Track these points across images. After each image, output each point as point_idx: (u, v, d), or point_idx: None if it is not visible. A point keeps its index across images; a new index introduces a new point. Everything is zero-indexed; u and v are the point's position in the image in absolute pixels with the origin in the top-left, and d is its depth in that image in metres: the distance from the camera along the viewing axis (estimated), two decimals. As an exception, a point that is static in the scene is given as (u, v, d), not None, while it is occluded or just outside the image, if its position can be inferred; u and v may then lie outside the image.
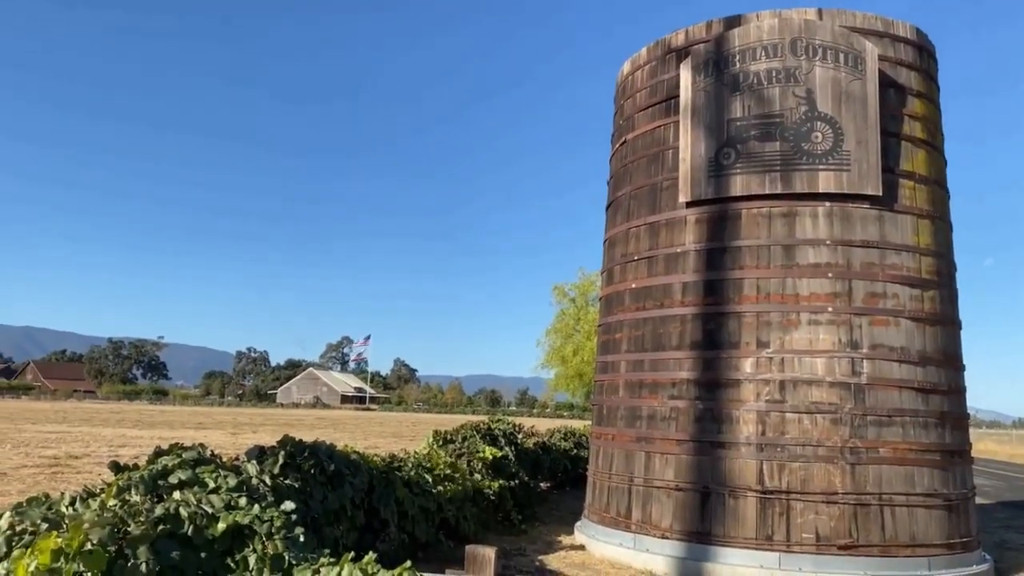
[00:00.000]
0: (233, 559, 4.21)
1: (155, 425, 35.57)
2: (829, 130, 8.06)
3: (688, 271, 8.43)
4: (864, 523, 7.36)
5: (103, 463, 16.35)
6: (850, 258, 7.96)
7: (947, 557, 7.56)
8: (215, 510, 4.29)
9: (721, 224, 8.34)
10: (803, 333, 7.82)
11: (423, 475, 7.60)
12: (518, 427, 12.64)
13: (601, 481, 9.03)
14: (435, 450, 9.23)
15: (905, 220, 8.19)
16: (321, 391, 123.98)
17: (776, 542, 7.40)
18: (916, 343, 7.91)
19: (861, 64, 8.13)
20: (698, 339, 8.20)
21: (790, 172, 8.09)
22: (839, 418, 7.57)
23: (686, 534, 7.83)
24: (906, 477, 7.56)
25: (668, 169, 8.85)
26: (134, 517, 4.02)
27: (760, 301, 7.99)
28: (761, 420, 7.72)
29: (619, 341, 9.12)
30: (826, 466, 7.48)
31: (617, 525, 8.52)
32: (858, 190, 7.98)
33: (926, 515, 7.56)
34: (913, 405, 7.75)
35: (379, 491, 6.32)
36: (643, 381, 8.61)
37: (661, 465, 8.20)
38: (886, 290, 7.93)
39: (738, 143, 8.30)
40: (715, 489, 7.75)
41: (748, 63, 8.41)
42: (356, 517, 5.84)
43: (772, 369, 7.80)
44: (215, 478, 4.65)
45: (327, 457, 5.71)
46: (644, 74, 9.53)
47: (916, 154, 8.45)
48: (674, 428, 8.17)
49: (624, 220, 9.41)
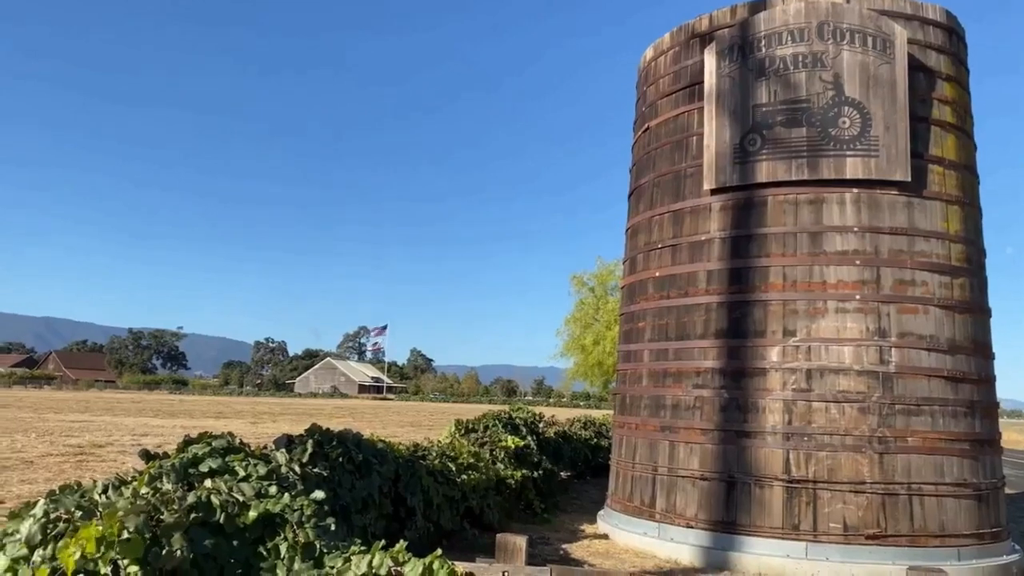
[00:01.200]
0: (264, 547, 4.21)
1: (176, 414, 35.93)
2: (857, 115, 7.93)
3: (713, 259, 8.35)
4: (892, 513, 7.29)
5: (127, 452, 16.53)
6: (878, 245, 7.85)
7: (977, 547, 7.47)
8: (246, 498, 4.30)
9: (746, 211, 8.24)
10: (830, 321, 7.73)
11: (447, 464, 7.60)
12: (539, 416, 12.63)
13: (624, 470, 9.00)
14: (458, 439, 9.24)
15: (934, 206, 8.06)
16: (339, 380, 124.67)
17: (803, 531, 7.35)
18: (945, 331, 7.80)
19: (890, 48, 7.99)
20: (723, 328, 8.13)
21: (817, 158, 7.98)
22: (867, 407, 7.49)
23: (711, 523, 7.79)
24: (935, 466, 7.47)
25: (692, 156, 8.76)
26: (167, 505, 4.02)
27: (786, 289, 7.90)
28: (788, 409, 7.65)
29: (642, 330, 9.06)
30: (854, 455, 7.40)
31: (641, 514, 8.49)
32: (886, 176, 7.86)
33: (955, 505, 7.47)
34: (942, 394, 7.65)
35: (405, 480, 6.32)
36: (667, 370, 8.56)
37: (686, 454, 8.16)
38: (915, 277, 7.82)
39: (764, 129, 8.20)
40: (741, 478, 7.70)
41: (774, 48, 8.29)
42: (384, 506, 5.84)
43: (799, 358, 7.72)
44: (245, 466, 4.66)
45: (355, 446, 5.71)
46: (667, 60, 9.43)
47: (945, 139, 8.30)
48: (699, 417, 8.11)
49: (647, 208, 9.33)
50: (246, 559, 4.18)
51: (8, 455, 14.83)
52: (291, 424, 29.71)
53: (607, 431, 16.33)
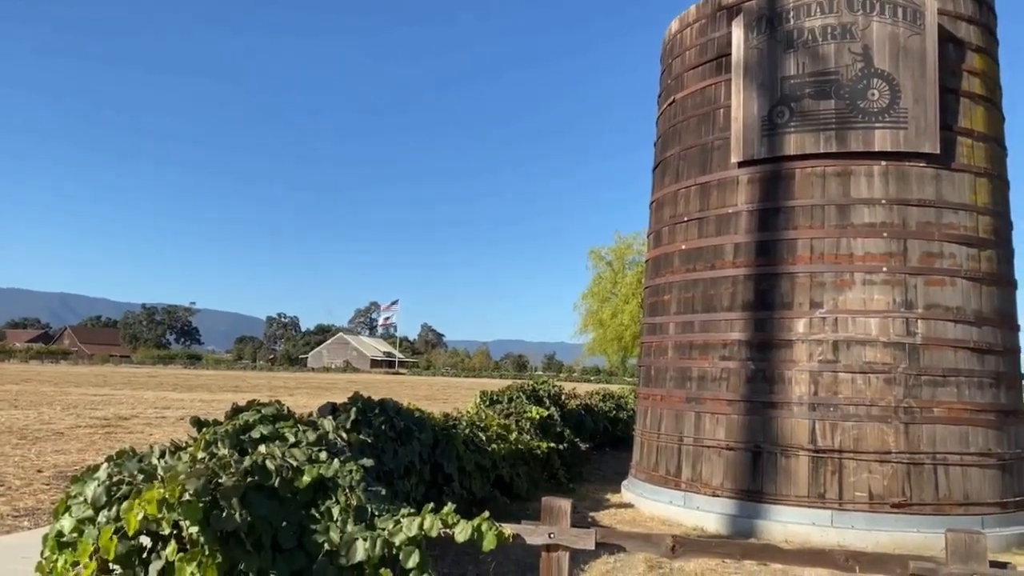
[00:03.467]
0: (317, 510, 4.36)
1: (193, 388, 36.37)
2: (886, 87, 7.92)
3: (740, 232, 8.40)
4: (917, 482, 7.39)
5: (152, 424, 16.82)
6: (906, 218, 7.87)
7: (1000, 516, 7.58)
8: (299, 463, 4.43)
9: (774, 184, 8.27)
10: (857, 293, 7.79)
11: (477, 434, 7.74)
12: (561, 389, 12.77)
13: (649, 441, 9.13)
14: (484, 410, 9.38)
15: (963, 179, 8.07)
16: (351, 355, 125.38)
17: (828, 500, 7.46)
18: (972, 303, 7.84)
19: (920, 19, 7.95)
20: (750, 300, 8.20)
21: (845, 131, 7.98)
22: (893, 378, 7.56)
23: (737, 492, 7.91)
24: (960, 437, 7.55)
25: (719, 129, 8.77)
26: (224, 469, 4.16)
27: (814, 261, 7.95)
28: (814, 380, 7.73)
29: (668, 303, 9.14)
30: (879, 425, 7.49)
31: (666, 484, 8.63)
32: (915, 148, 7.86)
33: (980, 474, 7.56)
34: (968, 365, 7.71)
35: (442, 447, 6.46)
36: (693, 343, 8.65)
37: (711, 425, 8.27)
38: (942, 250, 7.85)
39: (792, 101, 8.19)
40: (767, 448, 7.81)
41: (802, 19, 8.26)
42: (423, 472, 5.99)
43: (825, 329, 7.79)
44: (294, 433, 4.79)
45: (395, 414, 5.85)
46: (693, 32, 9.40)
47: (975, 111, 8.28)
48: (725, 388, 8.21)
49: (673, 181, 9.36)
50: (299, 522, 4.33)
51: (38, 427, 15.13)
52: (308, 397, 30.05)
53: (626, 404, 16.48)
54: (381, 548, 4.03)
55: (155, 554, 3.97)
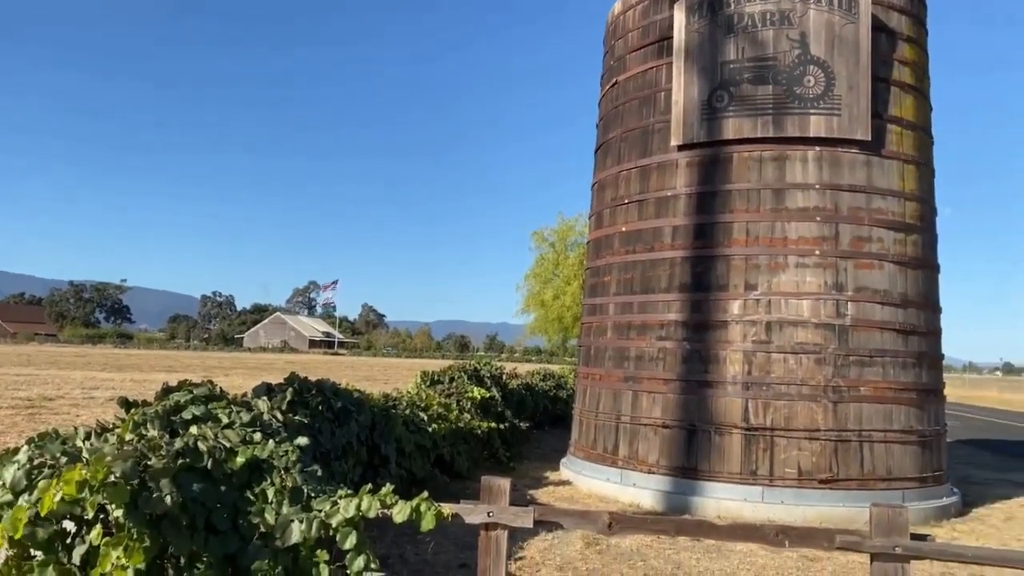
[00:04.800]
0: (252, 492, 4.27)
1: (124, 368, 35.25)
2: (821, 74, 8.09)
3: (679, 215, 8.51)
4: (844, 458, 7.66)
5: (79, 405, 16.24)
6: (838, 202, 8.09)
7: (920, 490, 7.93)
8: (232, 444, 4.33)
9: (712, 168, 8.39)
10: (790, 276, 7.99)
11: (418, 414, 7.71)
12: (503, 369, 12.81)
13: (587, 419, 9.23)
14: (425, 390, 9.34)
15: (892, 165, 8.32)
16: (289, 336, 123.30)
17: (760, 476, 7.68)
18: (898, 286, 8.13)
19: (855, 8, 8.13)
20: (687, 282, 8.33)
21: (782, 116, 8.14)
22: (823, 358, 7.80)
23: (672, 469, 8.08)
24: (884, 414, 7.85)
25: (660, 112, 8.84)
26: (154, 451, 4.04)
27: (749, 244, 8.12)
28: (747, 360, 7.92)
29: (608, 284, 9.22)
30: (809, 404, 7.73)
31: (604, 461, 8.75)
32: (848, 135, 8.07)
33: (902, 451, 7.88)
34: (894, 346, 8.00)
35: (380, 428, 6.41)
36: (632, 323, 8.75)
37: (648, 404, 8.40)
38: (871, 234, 8.10)
39: (731, 86, 8.31)
40: (701, 426, 7.98)
41: (742, 5, 8.36)
42: (361, 453, 5.93)
43: (759, 311, 7.97)
44: (228, 414, 4.68)
45: (333, 394, 5.76)
46: (636, 14, 9.43)
47: (904, 100, 8.54)
48: (662, 368, 8.35)
49: (614, 163, 9.41)
50: (233, 503, 4.23)
51: (-45, 408, 14.44)
52: (244, 378, 29.45)
53: (566, 383, 16.63)
54: (318, 530, 3.98)
55: (79, 539, 3.83)
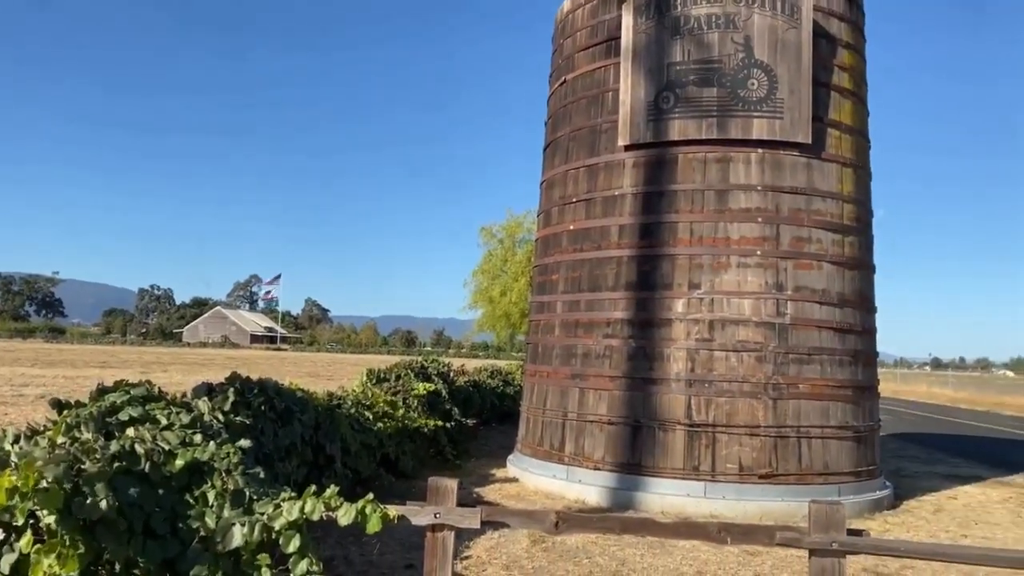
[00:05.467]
0: (192, 495, 4.16)
1: (55, 364, 34.03)
2: (765, 78, 8.26)
3: (625, 214, 8.60)
4: (783, 454, 7.86)
5: (7, 402, 15.63)
6: (779, 204, 8.28)
7: (855, 484, 8.18)
8: (171, 447, 4.21)
9: (658, 168, 8.50)
10: (732, 275, 8.15)
11: (363, 412, 7.63)
12: (449, 365, 12.77)
13: (535, 416, 9.27)
14: (370, 388, 9.25)
15: (831, 168, 8.55)
16: (230, 330, 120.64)
17: (702, 472, 7.82)
18: (836, 286, 8.37)
19: (797, 13, 8.32)
20: (633, 280, 8.43)
21: (726, 118, 8.28)
22: (763, 356, 7.98)
23: (618, 465, 8.17)
24: (822, 411, 8.08)
25: (608, 111, 8.91)
26: (88, 455, 3.90)
27: (693, 244, 8.25)
28: (691, 358, 8.05)
29: (556, 282, 9.27)
30: (750, 401, 7.90)
31: (550, 458, 8.80)
32: (789, 138, 8.26)
33: (838, 446, 8.12)
34: (831, 344, 8.23)
35: (325, 428, 6.32)
36: (579, 321, 8.81)
37: (595, 400, 8.48)
38: (811, 235, 8.32)
39: (677, 88, 8.42)
40: (646, 423, 8.09)
41: (689, 7, 8.47)
42: (305, 453, 5.84)
43: (702, 309, 8.11)
44: (167, 415, 4.55)
45: (276, 394, 5.66)
46: (585, 13, 9.48)
47: (843, 104, 8.78)
48: (608, 365, 8.43)
49: (563, 162, 9.46)
50: (172, 507, 4.12)
51: None
52: (183, 374, 28.74)
53: (513, 379, 16.67)
54: (260, 533, 3.90)
55: (7, 547, 3.68)
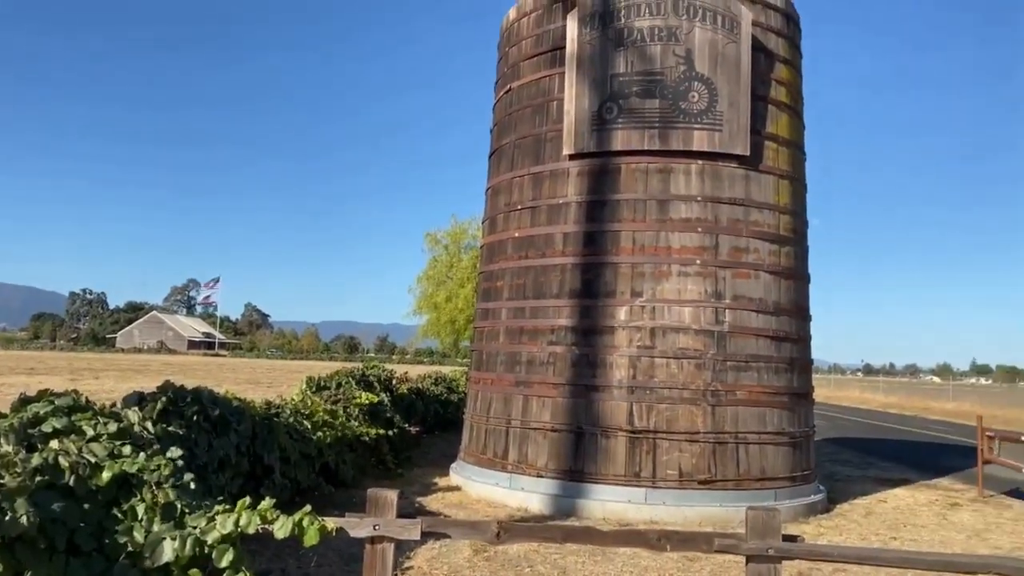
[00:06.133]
0: (120, 509, 4.02)
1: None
2: (705, 90, 8.42)
3: (569, 222, 8.65)
4: (722, 459, 8.00)
5: (-76, 413, 14.85)
6: (718, 214, 8.44)
7: (790, 488, 8.37)
8: (98, 459, 4.06)
9: (602, 177, 8.58)
10: (673, 284, 8.27)
11: (302, 421, 7.49)
12: (392, 373, 12.64)
13: (478, 424, 9.24)
14: (310, 397, 9.09)
15: (768, 180, 8.77)
16: (166, 336, 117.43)
17: (643, 478, 7.90)
18: (772, 295, 8.57)
19: (736, 28, 8.52)
20: (577, 288, 8.48)
21: (668, 130, 8.41)
22: (703, 363, 8.12)
23: (560, 472, 8.19)
24: (759, 417, 8.25)
25: (553, 120, 8.97)
26: (8, 468, 3.73)
27: (635, 253, 8.35)
28: (632, 365, 8.14)
29: (500, 289, 9.27)
30: (690, 407, 8.02)
31: (493, 466, 8.78)
32: (728, 150, 8.44)
33: (774, 451, 8.31)
34: (768, 352, 8.43)
35: (262, 437, 6.17)
36: (523, 328, 8.83)
37: (538, 408, 8.49)
38: (749, 245, 8.51)
39: (620, 98, 8.52)
40: (588, 430, 8.14)
41: (633, 19, 8.59)
42: (241, 464, 5.69)
43: (644, 317, 8.21)
44: (94, 426, 4.38)
45: (210, 403, 5.50)
46: (530, 22, 9.53)
47: (780, 118, 9.02)
48: (552, 372, 8.46)
49: (508, 169, 9.48)
50: (99, 522, 3.97)
51: None
52: (116, 381, 27.82)
53: (457, 386, 16.60)
54: (192, 547, 3.79)
55: (-83, 567, 3.49)
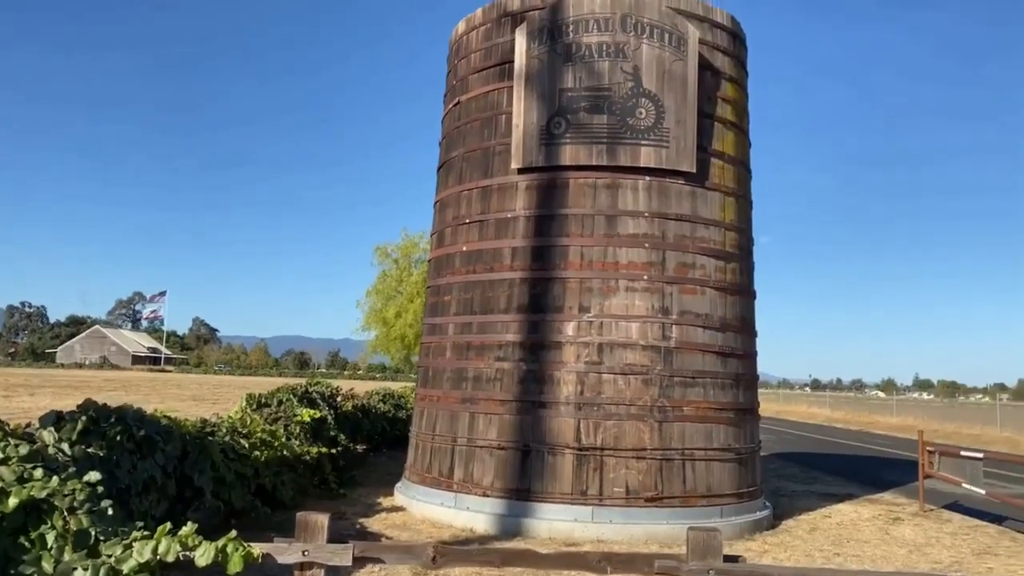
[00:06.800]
0: (28, 538, 3.76)
1: (-96, 388, 31.05)
2: (652, 107, 8.45)
3: (518, 236, 8.57)
4: (668, 476, 7.95)
5: None
6: (665, 230, 8.45)
7: (736, 505, 8.36)
8: (5, 483, 3.81)
9: (550, 192, 8.53)
10: (621, 299, 8.23)
11: (239, 440, 7.22)
12: (337, 389, 12.36)
13: (424, 442, 9.05)
14: (249, 414, 8.80)
15: (714, 197, 8.82)
16: (109, 351, 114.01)
17: (590, 496, 7.81)
18: (719, 311, 8.59)
19: (683, 46, 8.57)
20: (525, 303, 8.39)
21: (615, 145, 8.41)
22: (650, 379, 8.08)
23: (506, 491, 8.05)
24: (705, 433, 8.23)
25: (501, 134, 8.89)
26: (-99, 495, 3.47)
27: (583, 268, 8.30)
28: (580, 381, 8.06)
29: (448, 304, 9.12)
30: (637, 424, 7.97)
31: (439, 485, 8.59)
32: (675, 166, 8.46)
33: (721, 468, 8.29)
34: (714, 367, 8.43)
35: (193, 458, 5.91)
36: (471, 343, 8.69)
37: (485, 425, 8.35)
38: (695, 261, 8.52)
39: (568, 113, 8.49)
40: (535, 447, 8.02)
41: (581, 34, 8.59)
42: (168, 486, 5.42)
43: (592, 333, 8.15)
44: (3, 447, 4.11)
45: (136, 422, 5.23)
46: (479, 36, 9.47)
47: (726, 135, 9.09)
48: (499, 389, 8.33)
49: (456, 183, 9.37)
50: (4, 552, 3.72)
51: None
52: (53, 398, 26.79)
53: (406, 403, 16.34)
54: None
55: None
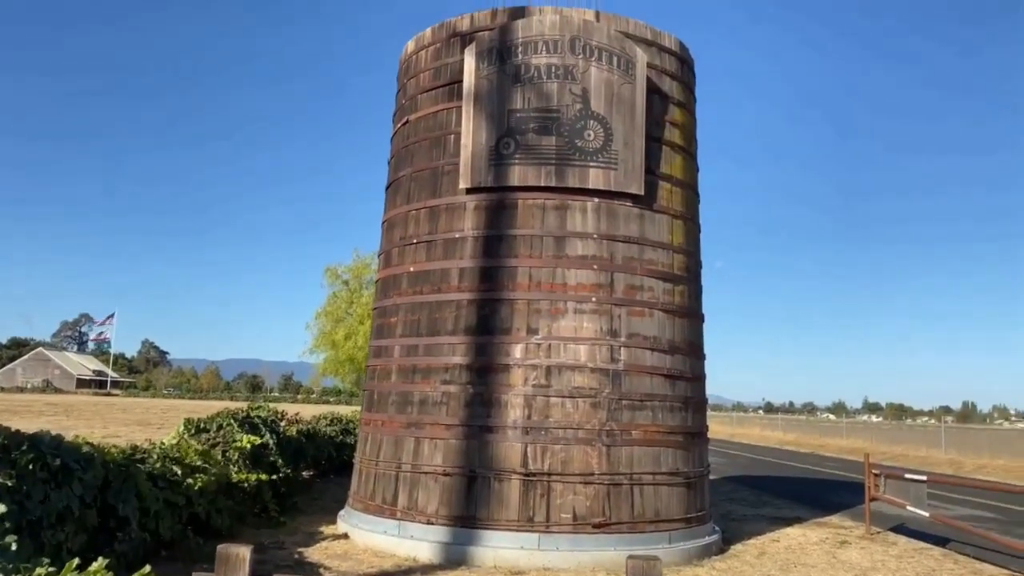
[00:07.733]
0: (-83, 576, 3.48)
1: None
2: (601, 129, 8.45)
3: (466, 257, 8.45)
4: (616, 502, 7.83)
5: None
6: (613, 252, 8.42)
7: (685, 530, 8.28)
8: None
9: (499, 212, 8.44)
10: (569, 321, 8.15)
11: (171, 467, 6.91)
12: (281, 414, 12.02)
13: (368, 468, 8.81)
14: (186, 440, 8.46)
15: (662, 219, 8.82)
16: (53, 374, 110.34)
17: (537, 523, 7.64)
18: (667, 333, 8.56)
19: (632, 69, 8.61)
20: (472, 324, 8.25)
21: (564, 167, 8.37)
22: (598, 402, 7.98)
23: (452, 519, 7.84)
24: (654, 457, 8.15)
25: (450, 154, 8.80)
26: None
27: (532, 289, 8.21)
28: (528, 404, 7.93)
29: (394, 325, 8.94)
30: (585, 448, 7.85)
31: (382, 513, 8.35)
32: (623, 188, 8.45)
33: (669, 492, 8.21)
34: (662, 390, 8.38)
35: (116, 487, 5.60)
36: (416, 366, 8.51)
37: (430, 450, 8.15)
38: (643, 283, 8.50)
39: (517, 134, 8.44)
40: (482, 473, 7.85)
41: (530, 56, 8.57)
42: (86, 517, 5.11)
43: (540, 355, 8.04)
44: None
45: (52, 450, 4.93)
46: (428, 55, 9.40)
47: (674, 159, 9.13)
48: (445, 413, 8.15)
49: (404, 202, 9.23)
50: None
51: None
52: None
53: (355, 428, 16.00)
54: (1, 620, 3.29)
55: None
